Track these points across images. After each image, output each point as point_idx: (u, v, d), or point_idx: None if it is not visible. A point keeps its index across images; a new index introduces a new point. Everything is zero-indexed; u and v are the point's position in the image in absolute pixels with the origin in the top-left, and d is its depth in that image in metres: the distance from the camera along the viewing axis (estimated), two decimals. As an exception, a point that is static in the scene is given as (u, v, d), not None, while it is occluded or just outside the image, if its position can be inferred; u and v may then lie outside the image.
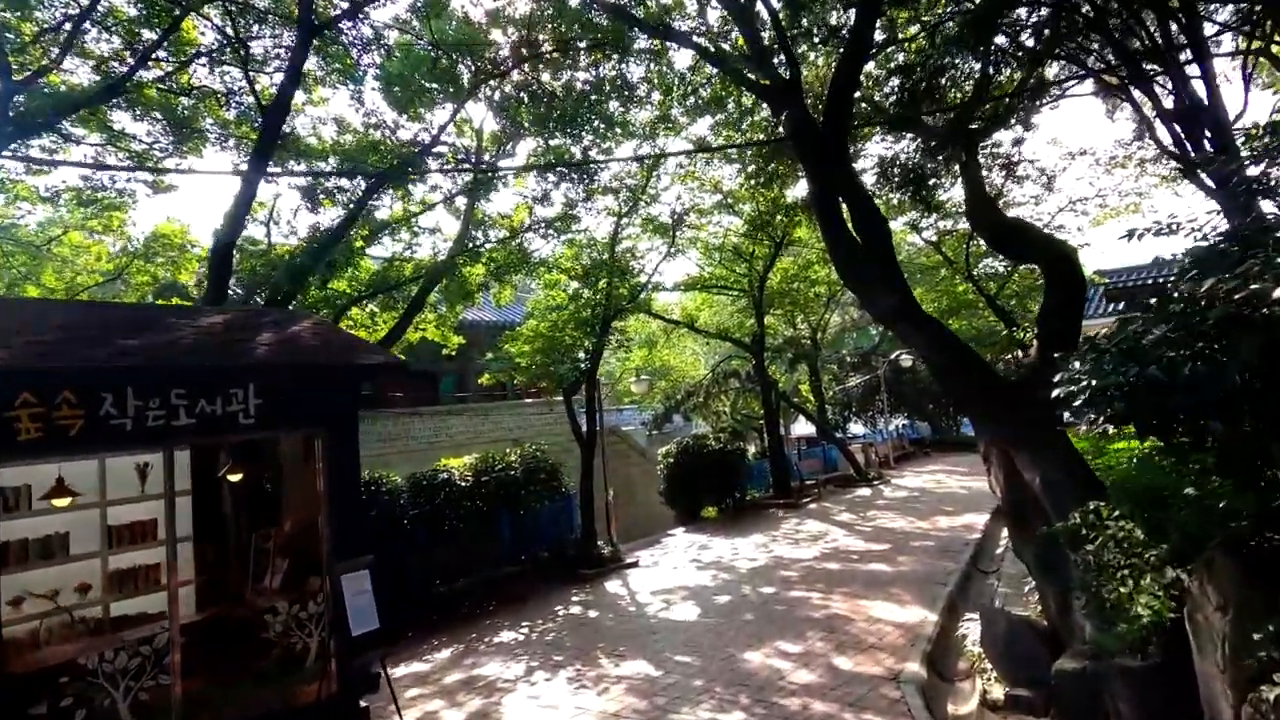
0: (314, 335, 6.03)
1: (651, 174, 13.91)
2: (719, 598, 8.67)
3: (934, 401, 28.93)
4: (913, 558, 9.94)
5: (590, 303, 12.87)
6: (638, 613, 8.42)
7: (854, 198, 6.70)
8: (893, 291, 6.25)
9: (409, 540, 9.75)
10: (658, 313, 19.37)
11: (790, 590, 8.67)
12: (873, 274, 6.35)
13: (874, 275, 6.34)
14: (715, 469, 15.92)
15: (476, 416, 19.98)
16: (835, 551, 10.83)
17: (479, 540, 10.79)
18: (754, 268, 17.77)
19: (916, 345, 5.95)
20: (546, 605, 9.33)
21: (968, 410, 5.85)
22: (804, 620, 7.36)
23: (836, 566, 9.78)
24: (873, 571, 9.30)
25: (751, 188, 14.95)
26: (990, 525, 12.23)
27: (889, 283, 6.31)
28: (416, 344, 16.19)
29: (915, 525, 12.54)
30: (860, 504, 15.81)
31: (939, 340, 5.78)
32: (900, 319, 6.00)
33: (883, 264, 6.43)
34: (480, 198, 13.22)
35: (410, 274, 12.54)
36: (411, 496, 10.37)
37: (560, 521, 12.18)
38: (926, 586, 8.30)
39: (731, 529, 13.95)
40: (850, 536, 12.01)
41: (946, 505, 14.53)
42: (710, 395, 20.87)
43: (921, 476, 19.90)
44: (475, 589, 10.13)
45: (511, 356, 14.10)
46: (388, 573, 9.24)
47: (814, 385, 23.20)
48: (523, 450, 12.05)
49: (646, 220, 15.21)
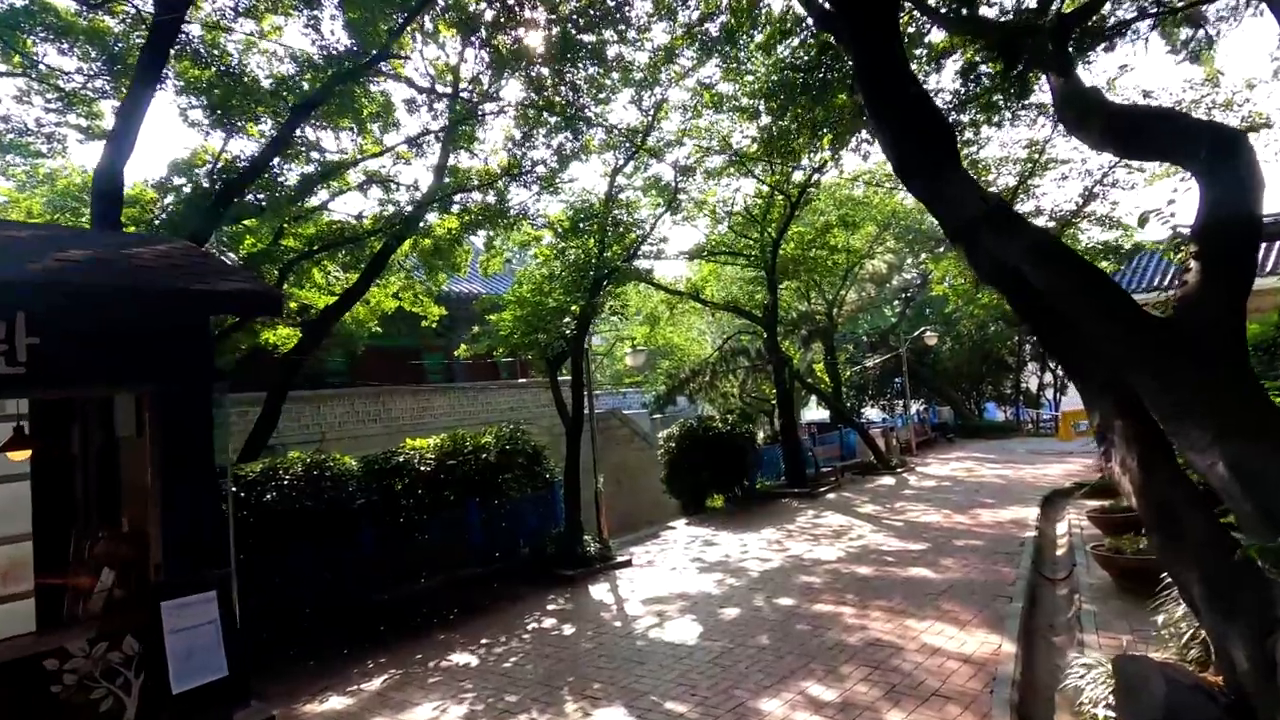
0: (159, 258, 4.31)
1: (654, 119, 12.05)
2: (725, 611, 6.98)
3: (956, 383, 27.09)
4: (960, 560, 8.23)
5: (579, 261, 11.13)
6: (623, 630, 6.74)
7: (905, 88, 4.97)
8: (973, 188, 4.51)
9: (350, 536, 8.12)
10: (660, 284, 17.63)
11: (814, 603, 6.97)
12: (948, 169, 4.61)
13: (950, 171, 4.61)
14: (722, 454, 14.22)
15: (464, 396, 18.43)
16: (864, 551, 9.12)
17: (442, 535, 9.14)
18: (766, 232, 15.96)
19: (1011, 257, 4.15)
20: (515, 616, 7.68)
21: (1093, 360, 4.00)
22: (836, 648, 5.66)
23: (869, 571, 8.07)
24: (915, 579, 7.58)
25: (767, 141, 13.06)
26: (1042, 520, 10.49)
27: (969, 181, 4.57)
28: (394, 314, 14.59)
29: (954, 520, 10.81)
30: (885, 494, 14.08)
31: (1051, 252, 4.02)
32: (991, 225, 4.24)
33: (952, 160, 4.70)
34: (458, 146, 11.43)
35: (370, 226, 10.81)
36: (362, 483, 8.74)
37: (543, 513, 10.50)
38: (987, 600, 6.58)
39: (740, 522, 12.26)
40: (879, 533, 10.30)
41: (985, 497, 12.78)
42: (717, 375, 19.10)
43: (949, 464, 18.13)
44: (434, 594, 8.49)
45: (494, 328, 12.42)
46: (319, 576, 7.74)
47: (829, 365, 21.41)
48: (498, 431, 10.37)
49: (650, 182, 13.39)
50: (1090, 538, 8.42)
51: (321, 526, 8.01)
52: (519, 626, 7.23)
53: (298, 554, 7.63)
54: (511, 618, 7.61)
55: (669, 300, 19.57)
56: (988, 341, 25.69)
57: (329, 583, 7.85)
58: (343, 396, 16.26)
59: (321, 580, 7.82)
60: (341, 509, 8.31)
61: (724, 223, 17.12)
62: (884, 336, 26.33)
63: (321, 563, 7.87)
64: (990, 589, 6.95)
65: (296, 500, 7.98)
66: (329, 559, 7.91)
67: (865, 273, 24.51)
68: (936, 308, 26.36)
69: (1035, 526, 9.92)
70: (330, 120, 9.58)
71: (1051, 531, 9.99)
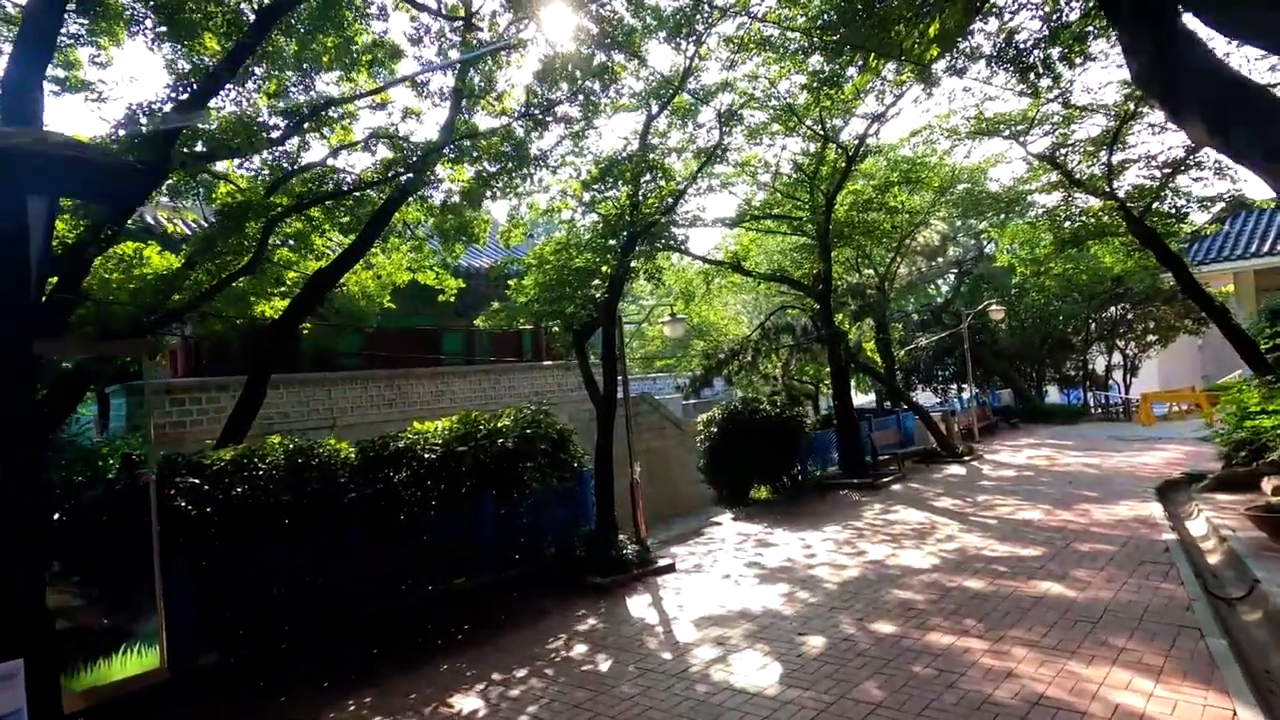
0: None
1: (693, 58, 10.25)
2: (807, 641, 5.38)
3: (1015, 364, 24.94)
4: (1095, 572, 6.50)
5: (609, 216, 9.54)
6: (674, 666, 5.19)
7: None
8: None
9: (340, 536, 6.69)
10: (697, 255, 15.98)
11: (925, 630, 5.33)
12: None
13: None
14: (770, 439, 12.56)
15: (485, 378, 17.11)
16: (964, 558, 7.42)
17: (452, 534, 7.68)
18: (818, 191, 14.17)
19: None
20: (536, 637, 6.18)
21: None
22: (986, 711, 4.02)
23: (980, 585, 6.39)
24: (1049, 597, 5.88)
25: (818, 86, 11.21)
26: (1173, 518, 8.68)
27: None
28: (410, 291, 13.22)
29: (1059, 518, 9.04)
30: (960, 486, 12.31)
31: None
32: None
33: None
34: (472, 99, 9.82)
35: (370, 178, 9.31)
36: (357, 473, 7.32)
37: (571, 508, 8.98)
38: (1167, 632, 4.88)
39: (795, 517, 10.63)
40: (971, 533, 8.58)
41: (1083, 489, 10.95)
42: (759, 353, 17.42)
43: (1021, 452, 16.22)
44: (440, 605, 7.04)
45: (512, 299, 10.91)
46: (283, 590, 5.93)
47: (881, 343, 19.55)
48: (516, 413, 8.87)
49: (686, 140, 11.62)
50: (1253, 543, 6.67)
51: (304, 525, 6.60)
52: (541, 655, 5.72)
53: (273, 559, 6.23)
54: (532, 640, 6.10)
55: (706, 273, 17.91)
56: (1050, 318, 23.51)
57: (311, 593, 6.45)
58: (356, 379, 15.01)
59: (302, 590, 6.41)
60: (329, 504, 6.88)
61: (766, 189, 15.37)
62: (936, 314, 24.29)
63: (302, 569, 6.47)
64: (1161, 615, 5.23)
65: (273, 494, 6.58)
66: (312, 564, 6.50)
67: (917, 244, 22.53)
68: (995, 281, 24.24)
69: (1168, 524, 8.12)
70: (314, 56, 8.07)
71: (1186, 532, 8.19)
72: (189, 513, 6.01)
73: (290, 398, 13.95)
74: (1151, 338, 24.06)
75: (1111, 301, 22.37)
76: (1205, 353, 30.55)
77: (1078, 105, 13.14)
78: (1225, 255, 19.40)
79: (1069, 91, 12.82)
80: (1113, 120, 12.20)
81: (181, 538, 5.86)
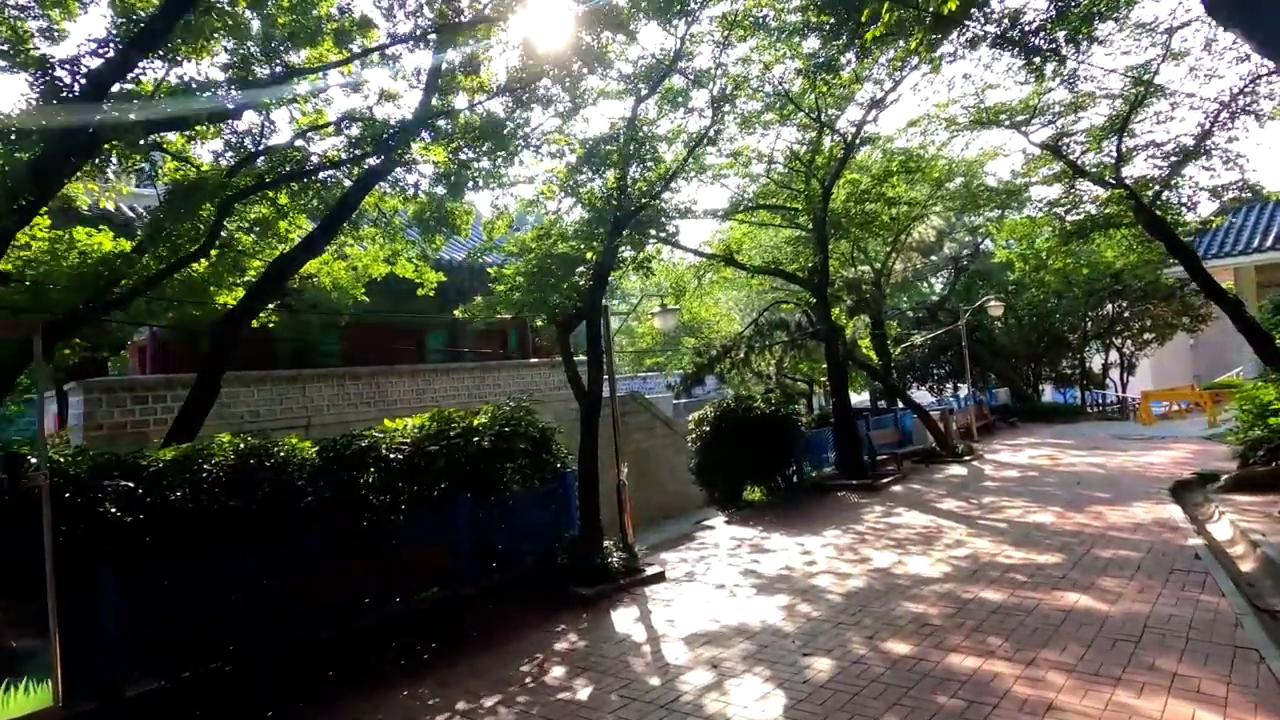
0: None
1: (685, 37, 9.62)
2: (813, 663, 4.78)
3: (1011, 361, 24.50)
4: (1124, 581, 5.95)
5: (594, 199, 8.92)
6: (664, 694, 4.57)
7: None
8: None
9: (296, 544, 6.04)
10: (688, 248, 15.39)
11: (945, 651, 4.75)
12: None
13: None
14: (764, 439, 11.98)
15: (469, 376, 16.50)
16: (978, 565, 6.86)
17: (422, 541, 7.03)
18: (814, 180, 13.62)
19: None
20: (511, 658, 5.55)
21: None
22: (1021, 746, 3.44)
23: (1000, 597, 5.82)
24: (1078, 611, 5.31)
25: (814, 71, 10.65)
26: (1194, 521, 8.17)
27: None
28: (390, 286, 12.58)
29: (1073, 521, 8.50)
30: (963, 487, 11.78)
31: None
32: None
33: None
34: (449, 77, 9.16)
35: (335, 159, 8.64)
36: (318, 475, 6.66)
37: (553, 512, 8.34)
38: (1220, 653, 4.32)
39: (792, 521, 10.05)
40: (981, 537, 8.03)
41: (1093, 490, 10.44)
42: (753, 350, 16.84)
43: (1022, 451, 15.73)
44: (407, 619, 6.40)
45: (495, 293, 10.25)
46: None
47: (877, 339, 19.04)
48: (494, 410, 8.23)
49: (677, 130, 10.98)
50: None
51: (255, 532, 5.94)
52: (515, 679, 5.09)
53: (218, 570, 5.57)
54: (506, 661, 5.48)
55: (697, 269, 17.33)
56: (1047, 316, 23.10)
57: (263, 607, 5.79)
58: (333, 376, 14.34)
59: (252, 604, 5.76)
60: (284, 509, 6.23)
61: (759, 180, 14.82)
62: (932, 311, 23.83)
63: (252, 580, 5.81)
64: (1209, 632, 4.68)
65: (219, 498, 5.92)
66: (264, 575, 5.83)
67: (912, 240, 22.08)
68: (991, 278, 23.81)
69: (1194, 531, 7.60)
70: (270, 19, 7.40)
71: (1211, 536, 7.67)
72: (119, 520, 5.35)
73: (262, 395, 13.25)
74: (1148, 336, 23.70)
75: (1109, 298, 21.98)
76: (1197, 352, 30.33)
77: (1084, 91, 12.67)
78: (1226, 251, 19.05)
79: (1076, 76, 12.35)
80: (1122, 105, 11.71)
81: (110, 546, 5.21)
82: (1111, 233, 14.18)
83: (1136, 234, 14.30)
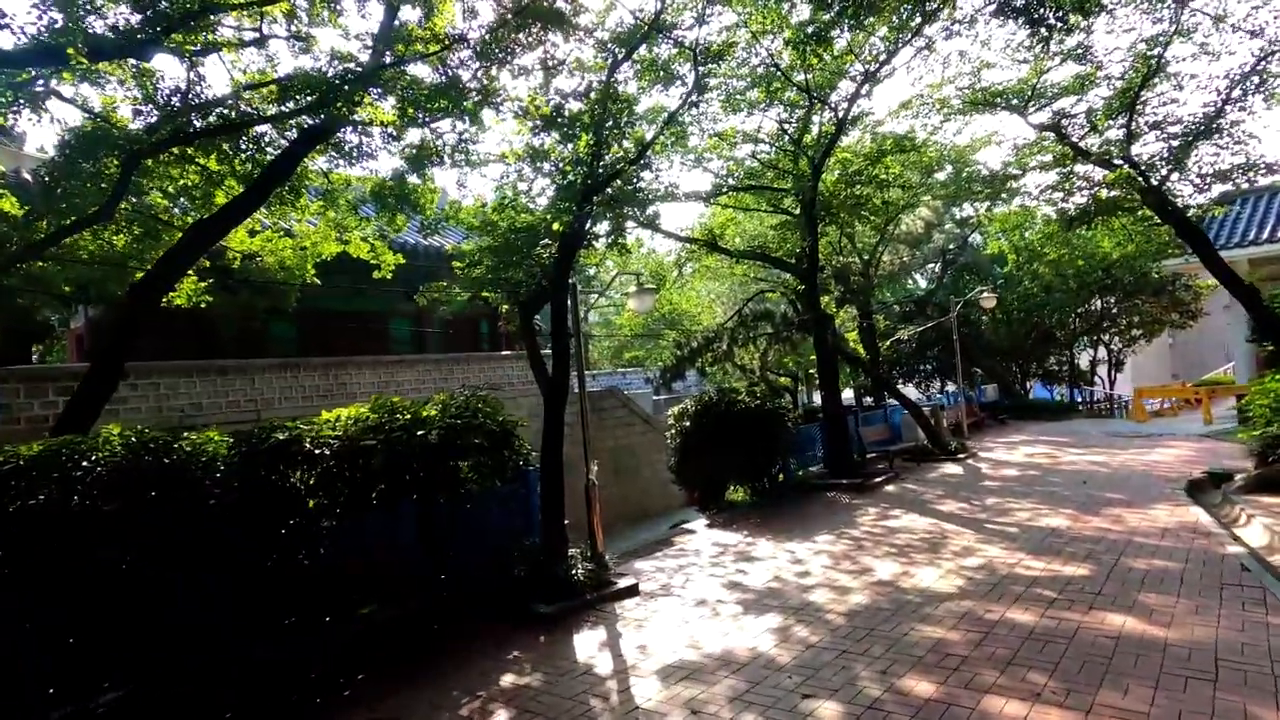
0: None
1: None
2: (816, 710, 3.85)
3: (997, 357, 23.89)
4: (1171, 598, 5.11)
5: (564, 163, 7.94)
6: (633, 747, 3.63)
7: None
8: None
9: (203, 558, 5.00)
10: (669, 232, 14.46)
11: (979, 692, 3.85)
12: None
13: None
14: (749, 435, 11.04)
15: (436, 368, 15.47)
16: (995, 578, 5.99)
17: (360, 552, 6.03)
18: (803, 158, 12.76)
19: None
20: (447, 696, 4.56)
21: None
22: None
23: (1030, 618, 4.94)
24: (1131, 639, 4.44)
25: (802, 42, 9.77)
26: (1223, 520, 7.41)
27: None
28: (351, 269, 11.52)
29: (1090, 524, 7.70)
30: (961, 486, 10.98)
31: None
32: None
33: None
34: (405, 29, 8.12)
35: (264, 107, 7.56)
36: (233, 475, 5.61)
37: (513, 516, 7.35)
38: (1317, 697, 3.49)
39: (780, 524, 9.16)
40: (992, 544, 7.18)
41: (1102, 490, 9.68)
42: (736, 342, 15.95)
43: (1017, 449, 15.02)
44: (337, 645, 5.40)
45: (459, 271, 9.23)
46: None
47: (865, 333, 18.28)
48: (445, 399, 7.21)
49: (656, 110, 10.00)
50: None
51: (144, 541, 4.89)
52: (447, 727, 4.11)
53: (94, 589, 4.53)
54: (441, 699, 4.49)
55: (677, 258, 16.42)
56: (1038, 310, 22.51)
57: (154, 633, 4.76)
58: (286, 367, 13.21)
59: (136, 635, 4.72)
60: (186, 515, 5.18)
61: (745, 164, 13.94)
62: (919, 305, 23.14)
63: (138, 600, 4.77)
64: (1295, 667, 3.85)
65: (96, 500, 4.86)
66: (153, 593, 4.80)
67: (901, 231, 21.35)
68: (981, 271, 23.19)
69: (1230, 537, 6.82)
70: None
71: (1245, 542, 6.90)
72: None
73: (205, 387, 12.09)
74: (1136, 332, 23.24)
75: (1098, 293, 21.44)
76: (1175, 351, 30.11)
77: (1088, 70, 11.94)
78: (1220, 244, 18.49)
79: (1083, 50, 11.62)
80: (1133, 75, 10.97)
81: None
82: (1111, 221, 13.48)
83: (1136, 221, 13.63)
